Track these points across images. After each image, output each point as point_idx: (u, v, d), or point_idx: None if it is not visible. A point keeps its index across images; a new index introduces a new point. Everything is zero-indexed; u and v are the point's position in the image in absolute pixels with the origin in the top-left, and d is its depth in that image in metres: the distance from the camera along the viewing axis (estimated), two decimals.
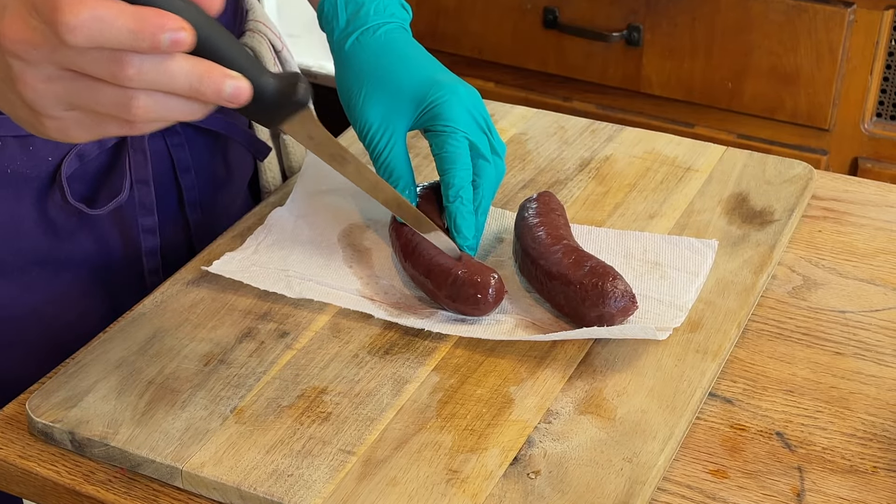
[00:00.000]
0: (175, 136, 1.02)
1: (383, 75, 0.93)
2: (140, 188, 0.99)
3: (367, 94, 0.93)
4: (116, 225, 1.00)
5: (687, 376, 0.83)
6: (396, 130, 0.93)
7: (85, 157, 0.96)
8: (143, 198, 1.00)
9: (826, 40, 1.72)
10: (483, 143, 0.93)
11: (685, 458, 0.79)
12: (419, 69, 0.94)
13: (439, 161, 0.92)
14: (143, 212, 1.00)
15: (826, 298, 0.93)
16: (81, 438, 0.80)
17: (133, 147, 0.97)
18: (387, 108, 0.93)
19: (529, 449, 0.77)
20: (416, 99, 0.93)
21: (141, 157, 0.98)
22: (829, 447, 0.79)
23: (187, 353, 0.86)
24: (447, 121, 0.92)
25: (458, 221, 0.91)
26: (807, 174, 1.05)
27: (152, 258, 1.02)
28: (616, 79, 1.91)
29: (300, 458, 0.77)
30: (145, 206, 1.00)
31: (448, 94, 0.93)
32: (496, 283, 0.86)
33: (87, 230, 0.99)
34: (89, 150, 0.96)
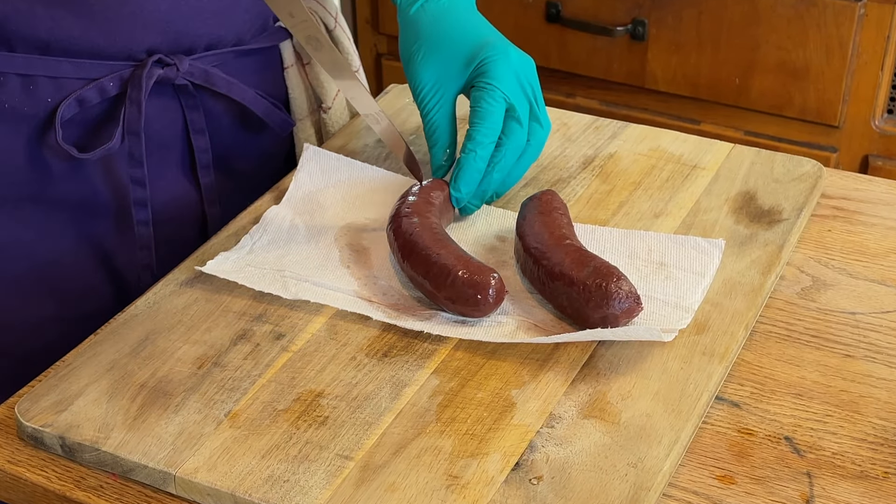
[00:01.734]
0: (189, 97, 1.04)
1: (440, 39, 0.99)
2: (131, 139, 1.01)
3: (424, 56, 0.99)
4: (107, 173, 1.02)
5: (693, 379, 0.83)
6: (447, 92, 0.99)
7: (85, 102, 0.98)
8: (133, 149, 1.01)
9: (836, 35, 1.72)
10: (522, 107, 0.98)
11: (691, 463, 0.79)
12: (474, 33, 1.00)
13: (472, 114, 0.98)
14: (132, 163, 1.02)
15: (836, 300, 0.93)
16: (72, 443, 0.80)
17: (130, 98, 0.99)
18: (440, 70, 0.99)
19: (531, 454, 0.77)
20: (468, 60, 0.99)
21: (135, 109, 1.00)
22: (839, 452, 0.79)
23: (180, 356, 0.86)
24: (490, 78, 0.97)
25: (459, 172, 0.96)
26: (816, 172, 1.05)
27: (142, 210, 1.03)
28: (620, 74, 1.91)
29: (296, 463, 0.77)
30: (134, 157, 1.02)
31: (497, 54, 0.98)
32: (496, 284, 0.86)
33: (78, 174, 1.01)
34: (90, 96, 0.98)
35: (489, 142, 0.96)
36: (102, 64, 0.98)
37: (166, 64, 1.00)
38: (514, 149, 0.98)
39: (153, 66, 0.99)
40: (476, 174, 0.96)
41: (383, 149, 1.10)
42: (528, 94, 0.98)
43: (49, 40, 0.95)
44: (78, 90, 0.97)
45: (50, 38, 0.95)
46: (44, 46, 0.96)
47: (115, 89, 0.99)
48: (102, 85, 0.99)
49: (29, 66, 0.96)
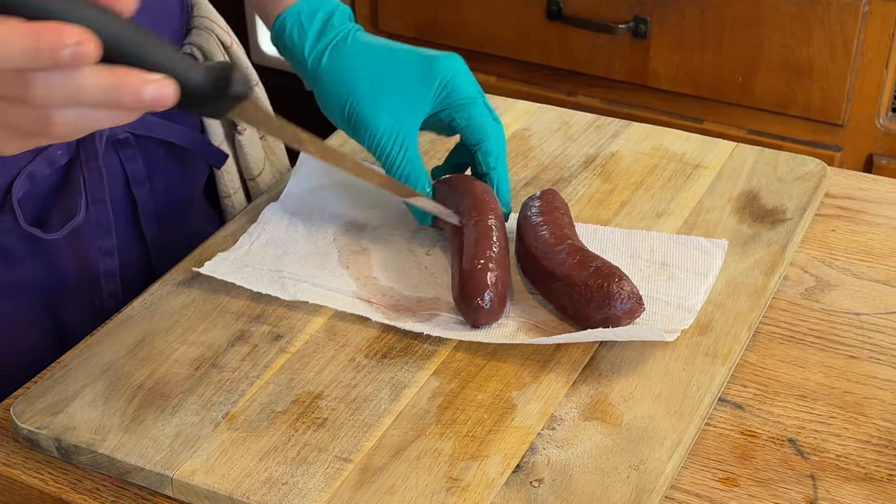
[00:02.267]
0: (127, 149, 1.01)
1: (378, 74, 0.94)
2: (97, 207, 0.98)
3: (370, 101, 0.93)
4: (71, 248, 0.99)
5: (696, 381, 0.83)
6: (409, 130, 0.94)
7: (35, 177, 0.94)
8: (101, 218, 0.98)
9: (840, 32, 1.71)
10: (489, 106, 0.97)
11: (694, 465, 0.79)
12: (408, 55, 0.96)
13: (471, 130, 0.95)
14: (100, 232, 0.99)
15: (840, 300, 0.93)
16: (68, 445, 0.80)
17: (87, 166, 0.96)
18: (394, 110, 0.94)
19: (532, 456, 0.77)
20: (421, 83, 0.94)
21: (96, 175, 0.96)
22: (844, 454, 0.79)
23: (178, 357, 0.86)
24: (466, 91, 0.95)
25: (502, 187, 0.95)
26: (820, 171, 1.05)
27: (111, 280, 1.01)
28: (622, 72, 1.91)
29: (295, 465, 0.77)
30: (103, 226, 0.99)
31: (453, 68, 0.95)
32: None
33: (39, 255, 0.97)
34: (40, 170, 0.94)
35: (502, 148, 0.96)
36: None
37: None
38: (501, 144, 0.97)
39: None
40: (508, 181, 0.96)
41: None
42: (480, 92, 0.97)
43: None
44: (26, 165, 0.93)
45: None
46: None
47: (64, 157, 0.95)
48: (50, 155, 0.94)
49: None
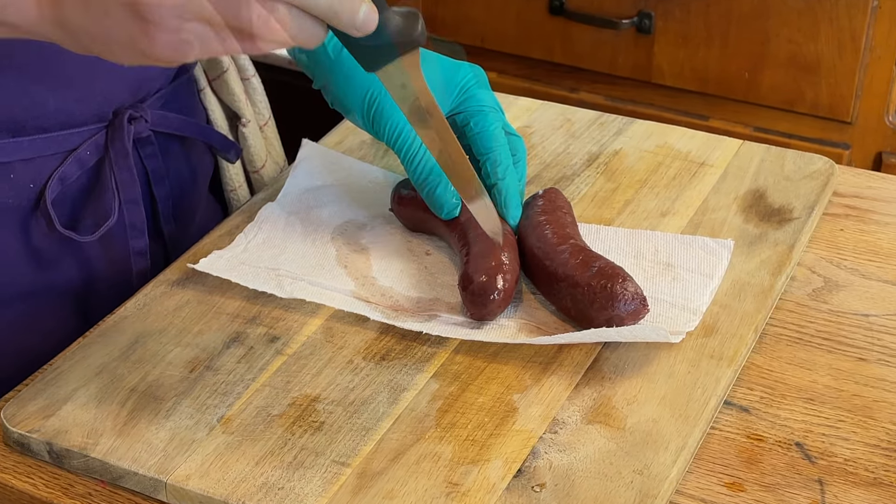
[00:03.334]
0: (148, 147, 1.01)
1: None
2: (129, 208, 0.98)
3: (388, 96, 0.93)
4: (104, 249, 0.99)
5: (701, 383, 0.83)
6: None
7: (66, 179, 0.95)
8: (134, 218, 0.99)
9: (848, 28, 1.71)
10: (506, 121, 0.97)
11: (699, 470, 0.79)
12: (433, 58, 0.97)
13: (482, 139, 0.94)
14: (133, 233, 0.99)
15: (848, 301, 0.93)
16: (60, 449, 0.79)
17: (118, 165, 0.97)
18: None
19: (534, 460, 0.77)
20: (447, 84, 0.95)
21: (127, 174, 0.97)
22: (852, 459, 0.79)
23: (172, 359, 0.86)
24: (483, 100, 0.95)
25: (510, 198, 0.94)
26: (828, 169, 1.05)
27: (141, 279, 1.00)
28: (626, 68, 1.91)
29: (291, 470, 0.77)
30: (136, 227, 0.99)
31: (474, 76, 0.96)
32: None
33: (72, 257, 0.98)
34: (70, 172, 0.95)
35: (511, 160, 0.95)
36: (74, 133, 0.95)
37: (133, 118, 0.97)
38: (524, 162, 0.98)
39: (126, 123, 0.96)
40: (518, 193, 0.95)
41: (381, 146, 1.10)
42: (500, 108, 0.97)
43: (24, 119, 0.91)
44: (57, 168, 0.94)
45: (25, 118, 0.91)
46: (18, 128, 0.92)
47: (94, 157, 0.96)
48: (80, 156, 0.95)
49: (4, 153, 0.92)
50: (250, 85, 1.15)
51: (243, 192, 1.15)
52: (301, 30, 0.67)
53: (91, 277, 1.00)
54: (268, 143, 1.17)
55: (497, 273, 0.86)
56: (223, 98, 1.13)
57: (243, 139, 1.14)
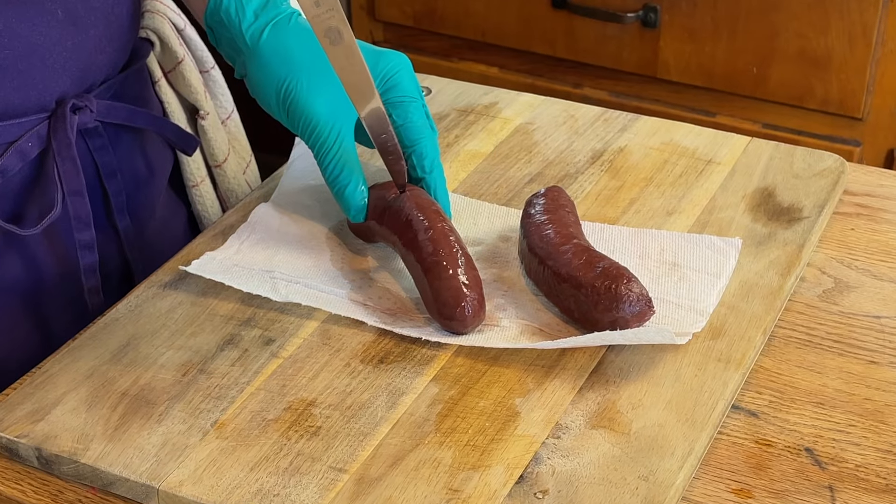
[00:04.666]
0: (97, 139, 1.01)
1: (320, 62, 0.93)
2: (73, 200, 0.97)
3: (308, 83, 0.94)
4: (49, 243, 0.98)
5: (708, 387, 0.83)
6: (346, 122, 0.94)
7: (7, 171, 0.94)
8: (78, 210, 0.98)
9: (859, 21, 1.72)
10: (428, 112, 0.98)
11: (706, 476, 0.79)
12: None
13: (407, 131, 0.95)
14: (78, 226, 0.98)
15: (859, 302, 0.93)
16: (49, 455, 0.80)
17: (60, 156, 0.96)
18: (333, 98, 0.94)
19: (536, 466, 0.77)
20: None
21: (70, 165, 0.96)
22: (863, 464, 0.79)
23: (164, 362, 0.86)
24: (405, 91, 0.96)
25: (440, 192, 0.96)
26: (838, 167, 1.05)
27: (91, 276, 1.00)
28: (631, 63, 1.91)
29: (287, 476, 0.77)
30: (81, 219, 0.98)
31: (397, 65, 0.96)
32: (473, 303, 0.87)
33: (15, 252, 0.97)
34: (11, 164, 0.94)
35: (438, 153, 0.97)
36: (14, 124, 0.94)
37: (77, 108, 0.97)
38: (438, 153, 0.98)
39: (70, 113, 0.96)
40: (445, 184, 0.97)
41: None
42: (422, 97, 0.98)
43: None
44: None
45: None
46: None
47: (36, 149, 0.95)
48: (21, 148, 0.94)
49: None
50: (210, 77, 1.15)
51: (206, 188, 1.15)
52: None
53: (38, 273, 0.99)
54: (231, 137, 1.17)
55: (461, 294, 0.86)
56: (180, 90, 1.13)
57: (203, 132, 1.13)
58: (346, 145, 0.94)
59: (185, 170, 1.13)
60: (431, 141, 0.96)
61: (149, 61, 1.10)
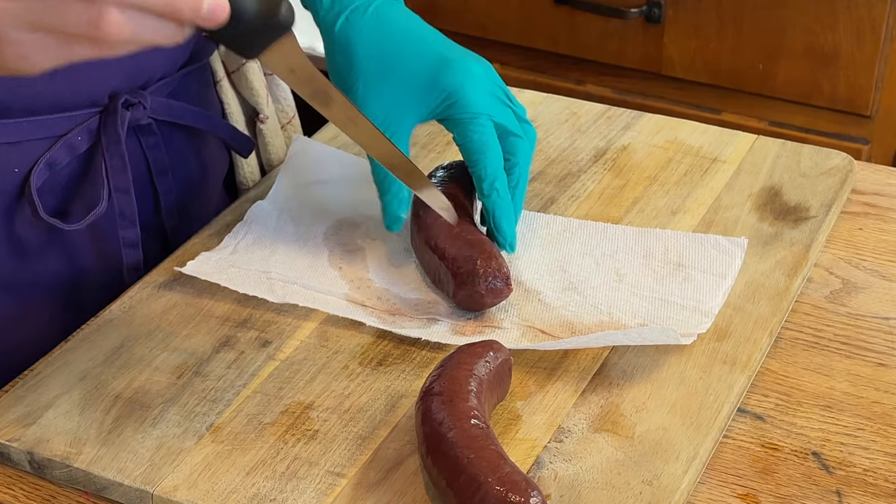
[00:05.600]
0: (151, 136, 1.01)
1: (383, 61, 0.93)
2: (119, 197, 0.98)
3: (367, 85, 0.93)
4: (93, 240, 0.99)
5: (713, 390, 0.83)
6: (400, 128, 0.93)
7: (55, 165, 0.95)
8: (124, 208, 0.98)
9: (868, 17, 1.72)
10: (509, 119, 0.94)
11: (711, 480, 0.79)
12: (423, 49, 0.94)
13: (466, 152, 0.93)
14: (123, 223, 0.99)
15: (868, 303, 0.93)
16: (41, 459, 0.80)
17: (109, 152, 0.96)
18: (391, 101, 0.93)
19: (538, 470, 0.77)
20: (426, 87, 0.93)
21: (118, 161, 0.97)
22: (871, 469, 0.79)
23: (158, 365, 0.86)
24: (467, 107, 0.92)
25: (499, 218, 0.92)
26: (846, 166, 1.05)
27: (134, 275, 1.00)
28: (634, 60, 1.91)
29: (284, 480, 0.77)
30: (126, 216, 0.99)
31: (462, 76, 0.93)
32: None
33: (59, 247, 0.97)
34: (60, 157, 0.95)
35: (501, 172, 0.93)
36: (65, 117, 0.94)
37: (130, 104, 0.97)
38: (525, 163, 0.95)
39: (122, 109, 0.96)
40: (510, 210, 0.93)
41: None
42: (504, 103, 0.95)
43: (9, 100, 0.91)
44: (45, 153, 0.93)
45: (10, 98, 0.91)
46: (3, 109, 0.91)
47: (85, 143, 0.96)
48: (70, 141, 0.95)
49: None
50: (273, 80, 1.16)
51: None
52: (145, 30, 0.67)
53: (80, 271, 0.99)
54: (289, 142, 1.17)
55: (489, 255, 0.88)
56: (241, 92, 1.13)
57: (261, 136, 1.14)
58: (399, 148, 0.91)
59: (239, 172, 1.13)
60: (490, 160, 0.92)
61: (212, 60, 1.10)
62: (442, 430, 0.74)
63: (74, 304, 0.99)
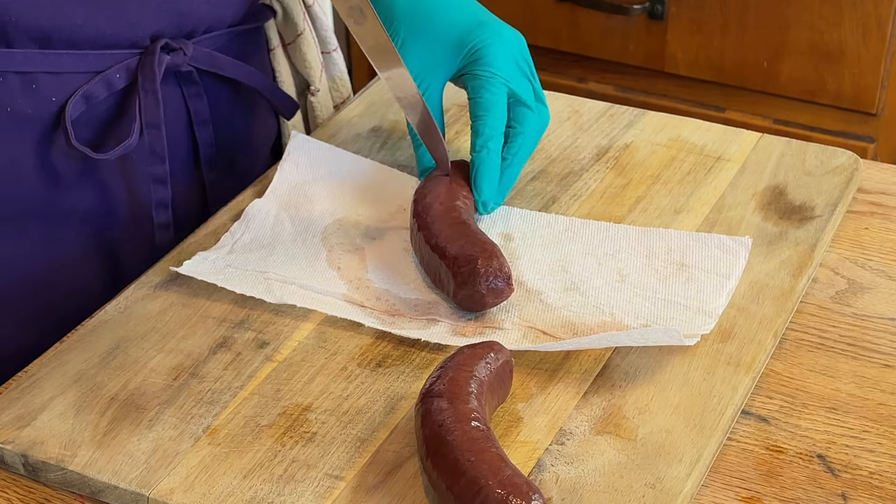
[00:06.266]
0: (192, 86, 1.04)
1: (421, 19, 0.98)
2: (150, 133, 1.00)
3: (404, 41, 0.98)
4: (124, 174, 1.02)
5: (717, 392, 0.83)
6: (434, 82, 0.98)
7: (92, 98, 0.97)
8: (154, 143, 1.01)
9: (874, 14, 1.72)
10: (525, 90, 0.98)
11: (715, 483, 0.79)
12: (460, 11, 0.99)
13: (473, 107, 0.97)
14: (153, 159, 1.02)
15: (873, 304, 0.93)
16: (35, 462, 0.80)
17: (144, 89, 0.99)
18: (425, 55, 0.97)
19: (540, 473, 0.77)
20: (457, 43, 0.98)
21: (152, 99, 0.99)
22: (877, 471, 0.79)
23: (154, 366, 0.86)
24: (487, 65, 0.97)
25: (480, 173, 0.95)
26: (852, 164, 1.05)
27: (163, 211, 1.03)
28: (637, 57, 1.91)
29: (282, 483, 0.77)
30: (155, 152, 1.01)
31: (491, 37, 0.98)
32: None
33: (91, 179, 1.00)
34: (97, 91, 0.98)
35: (499, 134, 0.97)
36: (105, 54, 0.98)
37: (172, 49, 1.00)
38: (530, 135, 0.99)
39: (161, 52, 0.99)
40: (495, 171, 0.96)
41: (378, 139, 1.10)
42: (526, 75, 1.00)
43: (51, 31, 0.94)
44: (83, 85, 0.97)
45: (52, 28, 0.95)
46: (44, 39, 0.94)
47: (123, 81, 0.99)
48: (108, 78, 0.98)
49: (28, 63, 0.95)
50: (331, 59, 1.18)
51: None
52: None
53: (111, 204, 1.02)
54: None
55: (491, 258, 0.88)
56: (295, 63, 1.16)
57: (311, 109, 1.17)
58: (431, 103, 0.97)
59: (285, 141, 1.16)
60: (493, 120, 0.96)
61: (267, 27, 1.13)
62: (442, 432, 0.74)
63: (106, 241, 1.03)
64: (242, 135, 1.11)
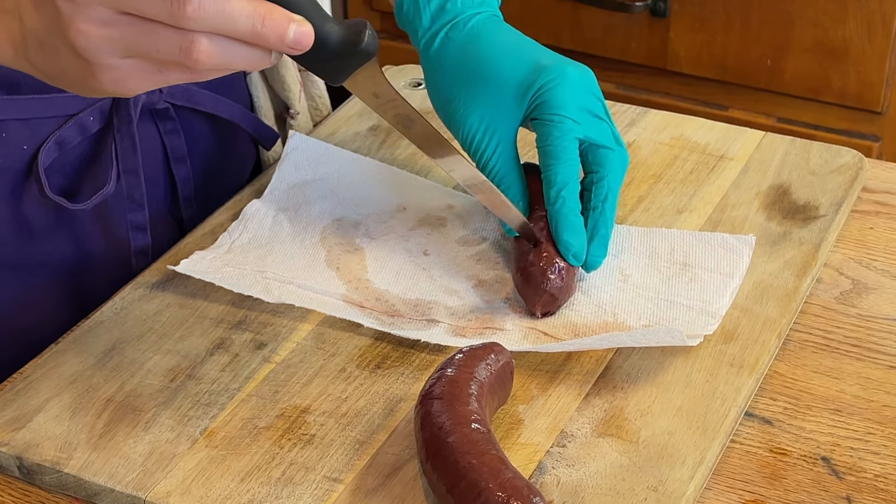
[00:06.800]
0: (168, 122, 1.02)
1: (479, 72, 0.94)
2: (128, 179, 0.99)
3: (466, 96, 0.94)
4: (101, 222, 1.00)
5: (720, 393, 0.83)
6: (504, 131, 0.93)
7: (65, 145, 0.96)
8: (132, 190, 0.99)
9: (878, 10, 1.72)
10: (601, 131, 0.93)
11: (718, 486, 0.79)
12: (520, 56, 0.94)
13: (542, 155, 0.92)
14: (132, 206, 1.00)
15: (878, 305, 0.92)
16: (31, 464, 0.79)
17: (119, 133, 0.97)
18: (489, 107, 0.93)
19: (541, 476, 0.77)
20: (519, 90, 0.93)
21: (129, 143, 0.98)
22: (882, 474, 0.79)
23: (151, 367, 0.86)
24: (554, 108, 0.92)
25: (560, 227, 0.90)
26: (856, 163, 1.05)
27: (142, 259, 1.01)
28: (639, 55, 1.91)
29: (280, 486, 0.77)
30: (134, 199, 1.00)
31: (556, 78, 0.92)
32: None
33: (66, 229, 0.98)
34: (70, 136, 0.96)
35: (574, 181, 0.91)
36: (77, 97, 0.95)
37: None
38: (616, 179, 0.93)
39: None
40: (576, 219, 0.90)
41: (377, 138, 1.10)
42: (599, 115, 0.94)
43: (19, 77, 0.90)
44: (55, 131, 0.95)
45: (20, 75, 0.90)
46: (13, 85, 0.92)
47: (97, 124, 0.97)
48: (81, 121, 0.96)
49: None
50: (308, 77, 1.16)
51: None
52: (233, 56, 0.69)
53: (87, 253, 1.00)
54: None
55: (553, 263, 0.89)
56: (273, 86, 1.14)
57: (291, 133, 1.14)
58: (505, 154, 0.93)
59: (265, 166, 1.14)
60: (564, 167, 0.91)
61: None
62: (442, 434, 0.74)
63: (80, 290, 1.00)
64: (220, 167, 1.09)
